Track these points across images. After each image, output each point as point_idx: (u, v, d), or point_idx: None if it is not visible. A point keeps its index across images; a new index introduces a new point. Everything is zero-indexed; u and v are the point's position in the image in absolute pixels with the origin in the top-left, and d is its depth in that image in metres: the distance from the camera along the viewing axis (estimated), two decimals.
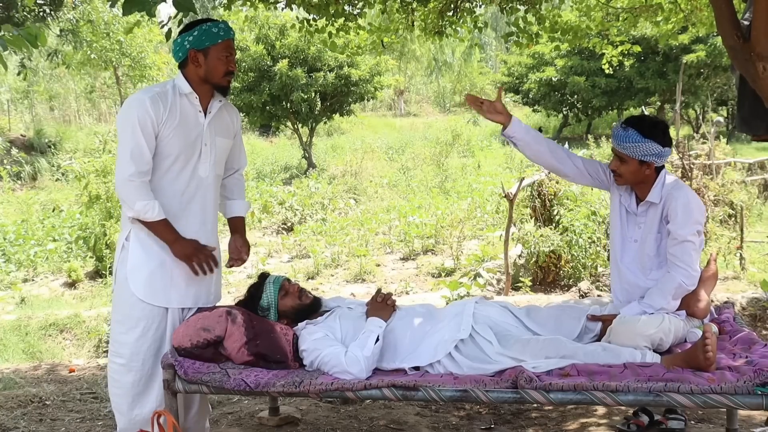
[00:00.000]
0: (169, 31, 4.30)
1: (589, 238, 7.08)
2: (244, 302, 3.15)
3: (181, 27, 2.91)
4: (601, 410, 3.51)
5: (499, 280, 7.29)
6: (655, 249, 2.97)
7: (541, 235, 7.10)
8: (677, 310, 2.91)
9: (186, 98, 2.82)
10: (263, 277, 3.16)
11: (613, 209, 3.11)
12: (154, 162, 2.76)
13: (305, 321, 3.05)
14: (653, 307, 2.86)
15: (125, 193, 2.72)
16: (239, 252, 3.10)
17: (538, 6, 5.74)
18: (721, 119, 14.81)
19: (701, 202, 2.97)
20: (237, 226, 3.16)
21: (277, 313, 3.08)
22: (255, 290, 3.13)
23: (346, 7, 5.45)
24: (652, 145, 2.84)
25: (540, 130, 25.35)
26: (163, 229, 2.78)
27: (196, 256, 2.83)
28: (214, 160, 2.91)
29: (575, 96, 22.63)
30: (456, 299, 5.77)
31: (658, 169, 2.96)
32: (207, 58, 2.78)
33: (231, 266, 3.15)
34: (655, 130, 2.87)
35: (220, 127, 2.94)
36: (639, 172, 2.90)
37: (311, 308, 3.12)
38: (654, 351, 2.82)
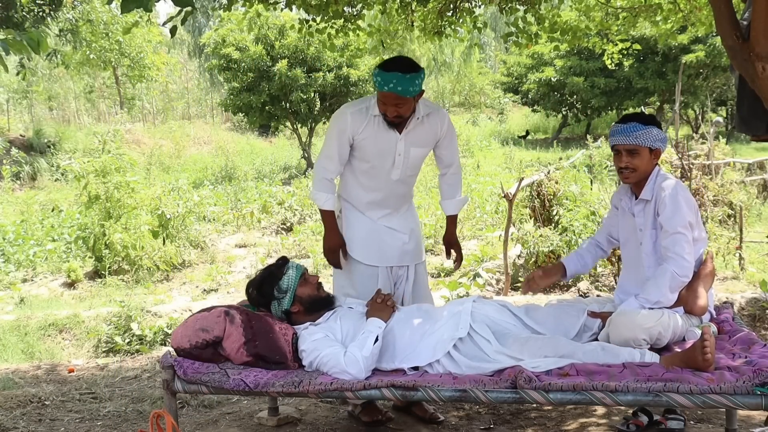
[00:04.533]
0: (174, 28, 4.26)
1: (588, 238, 7.07)
2: (259, 280, 3.12)
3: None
4: (600, 410, 3.51)
5: (498, 281, 7.28)
6: (652, 245, 3.03)
7: (541, 235, 7.09)
8: (675, 306, 2.92)
9: (378, 117, 3.26)
10: (284, 259, 3.16)
11: (622, 227, 3.22)
12: (353, 162, 3.35)
13: (307, 322, 3.05)
14: (649, 300, 2.89)
15: (314, 178, 3.34)
16: (448, 251, 3.66)
17: (537, 6, 5.73)
18: (721, 119, 14.77)
19: (689, 194, 3.03)
20: (447, 223, 3.69)
21: (293, 298, 3.06)
22: (276, 269, 3.10)
23: (345, 8, 5.43)
24: (655, 130, 2.99)
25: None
26: (326, 218, 3.35)
27: (330, 254, 3.37)
28: (407, 166, 3.37)
29: (574, 96, 22.63)
30: (455, 299, 5.77)
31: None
32: (378, 98, 3.23)
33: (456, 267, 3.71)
34: (650, 119, 3.05)
35: (417, 139, 3.33)
36: (650, 162, 3.02)
37: (325, 302, 3.12)
38: (651, 346, 2.84)
